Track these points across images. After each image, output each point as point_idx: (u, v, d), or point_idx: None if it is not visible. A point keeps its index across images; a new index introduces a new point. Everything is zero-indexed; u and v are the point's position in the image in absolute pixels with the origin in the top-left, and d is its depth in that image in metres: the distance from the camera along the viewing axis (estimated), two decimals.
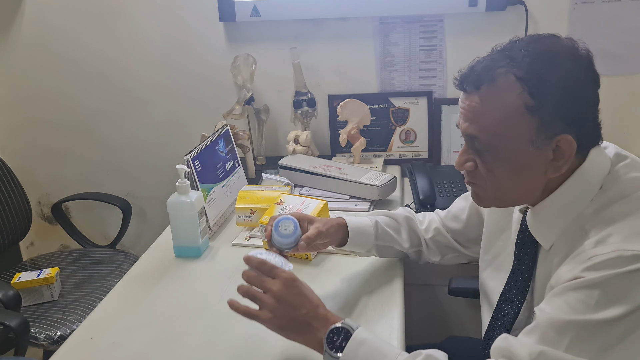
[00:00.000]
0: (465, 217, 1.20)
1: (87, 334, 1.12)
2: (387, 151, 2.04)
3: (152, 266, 1.38)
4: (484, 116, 0.85)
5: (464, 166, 0.91)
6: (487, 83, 0.83)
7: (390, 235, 1.22)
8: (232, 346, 1.06)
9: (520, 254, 0.97)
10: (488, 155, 0.87)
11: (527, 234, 0.94)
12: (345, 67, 2.03)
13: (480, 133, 0.85)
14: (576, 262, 0.79)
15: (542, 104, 0.81)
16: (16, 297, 1.58)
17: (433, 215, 1.28)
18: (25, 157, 2.32)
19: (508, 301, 1.00)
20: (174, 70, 2.13)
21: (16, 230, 2.01)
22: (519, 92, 0.81)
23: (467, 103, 0.87)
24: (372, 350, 0.87)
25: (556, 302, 0.78)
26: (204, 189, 1.49)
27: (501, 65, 0.83)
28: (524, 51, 0.83)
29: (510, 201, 0.94)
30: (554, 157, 0.84)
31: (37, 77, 2.21)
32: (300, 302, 0.92)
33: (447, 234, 1.23)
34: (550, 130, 0.82)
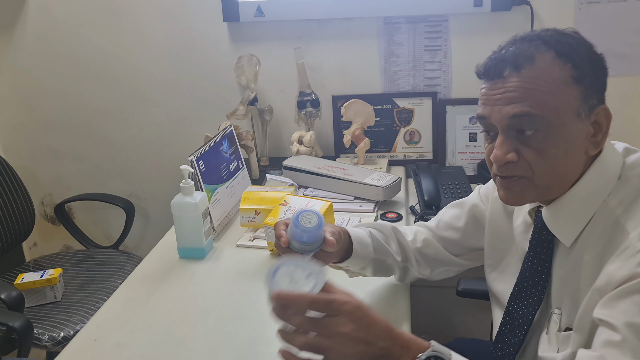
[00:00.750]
0: (462, 225, 1.14)
1: (91, 335, 1.11)
2: (391, 152, 2.03)
3: (156, 267, 1.37)
4: (533, 91, 0.82)
5: (507, 157, 0.84)
6: (528, 62, 0.83)
7: (384, 247, 1.12)
8: (237, 348, 1.05)
9: (535, 254, 0.94)
10: (538, 135, 0.83)
11: (544, 232, 0.92)
12: (349, 67, 2.03)
13: (533, 108, 0.82)
14: (625, 258, 0.77)
15: (585, 74, 0.83)
16: (19, 298, 1.58)
17: (417, 227, 1.20)
18: (28, 157, 2.32)
19: (521, 302, 0.97)
20: (178, 70, 2.12)
21: (19, 231, 2.00)
22: (561, 66, 0.82)
23: (508, 85, 0.84)
24: None
25: (623, 307, 0.75)
26: (208, 190, 1.48)
27: (535, 46, 0.84)
28: (545, 34, 0.85)
29: (557, 187, 0.87)
30: (594, 132, 0.85)
31: (40, 76, 2.20)
32: (375, 335, 0.73)
33: (438, 244, 1.16)
34: (591, 101, 0.84)
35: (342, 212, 1.59)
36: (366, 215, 1.57)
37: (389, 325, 0.74)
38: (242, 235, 1.50)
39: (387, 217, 1.57)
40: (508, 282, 1.02)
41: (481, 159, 1.94)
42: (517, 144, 0.85)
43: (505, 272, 1.05)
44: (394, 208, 1.63)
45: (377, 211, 1.61)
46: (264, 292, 1.22)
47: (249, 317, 1.15)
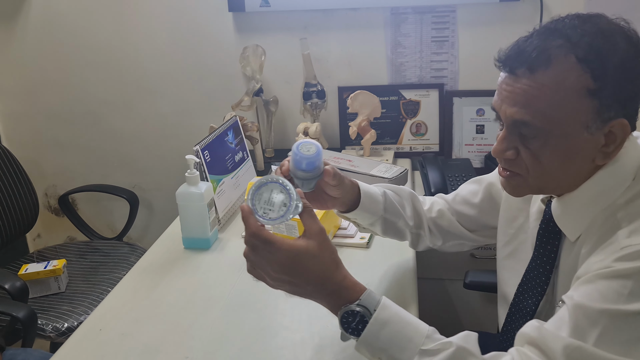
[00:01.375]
0: (477, 201, 1.14)
1: (97, 325, 1.10)
2: (397, 144, 2.02)
3: (160, 257, 1.36)
4: (538, 100, 0.79)
5: (505, 154, 0.84)
6: (544, 65, 0.78)
7: (396, 209, 1.12)
8: (242, 338, 1.04)
9: (542, 244, 0.94)
10: (536, 141, 0.81)
11: (551, 224, 0.91)
12: (355, 58, 2.01)
13: (533, 118, 0.79)
14: (608, 252, 0.77)
15: (604, 86, 0.77)
16: (23, 288, 1.57)
17: (435, 198, 1.21)
18: (32, 148, 2.31)
19: (526, 293, 0.97)
20: (182, 60, 2.11)
21: (23, 222, 1.99)
22: (578, 74, 0.76)
23: (518, 86, 0.80)
24: (395, 333, 0.79)
25: (586, 290, 0.75)
26: (214, 180, 1.47)
27: (557, 45, 0.78)
28: (580, 30, 0.77)
29: (551, 189, 0.88)
30: (605, 142, 0.80)
31: (44, 67, 2.19)
32: (302, 279, 0.81)
33: (453, 217, 1.16)
34: (606, 114, 0.78)
35: None
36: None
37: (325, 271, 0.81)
38: None
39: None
40: (514, 270, 1.02)
41: (488, 151, 1.92)
42: (518, 142, 0.83)
43: (512, 258, 1.04)
44: None
45: None
46: None
47: (255, 307, 1.14)
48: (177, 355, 0.99)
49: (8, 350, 1.35)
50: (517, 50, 0.81)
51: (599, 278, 0.75)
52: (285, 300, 1.15)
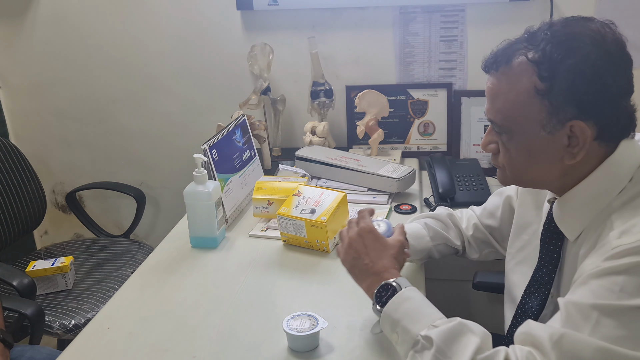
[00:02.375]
0: (499, 214, 1.19)
1: (104, 323, 1.10)
2: (405, 143, 2.01)
3: (168, 256, 1.36)
4: (497, 98, 0.86)
5: (487, 147, 0.93)
6: (504, 64, 0.84)
7: (441, 234, 1.21)
8: (250, 338, 1.04)
9: (545, 245, 0.95)
10: (505, 137, 0.88)
11: (553, 224, 0.92)
12: (363, 57, 2.00)
13: (496, 115, 0.86)
14: (600, 254, 0.78)
15: (552, 87, 0.80)
16: (31, 285, 1.57)
17: (470, 212, 1.26)
18: (39, 145, 2.31)
19: (532, 294, 0.98)
20: (190, 58, 2.11)
21: (30, 219, 2.00)
22: (530, 75, 0.81)
23: (488, 85, 0.89)
24: (413, 308, 0.87)
25: (579, 291, 0.77)
26: (221, 179, 1.47)
27: (519, 48, 0.84)
28: (544, 34, 0.83)
29: (529, 183, 0.94)
30: (569, 143, 0.83)
31: (52, 64, 2.20)
32: (365, 252, 0.99)
33: (485, 230, 1.22)
34: (561, 115, 0.81)
35: (356, 203, 1.57)
36: (380, 207, 1.55)
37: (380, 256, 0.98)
38: (254, 225, 1.49)
39: (401, 209, 1.55)
40: (523, 273, 1.02)
41: None
42: (498, 137, 0.90)
43: (524, 263, 1.04)
44: (408, 200, 1.61)
45: (390, 203, 1.59)
46: (277, 283, 1.22)
47: (263, 307, 1.13)
48: (185, 355, 0.99)
49: (16, 347, 1.36)
50: (494, 52, 0.88)
51: (591, 278, 0.76)
52: (292, 299, 1.15)
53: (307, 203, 1.36)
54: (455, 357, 0.78)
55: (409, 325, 0.85)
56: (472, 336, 0.80)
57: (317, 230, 1.31)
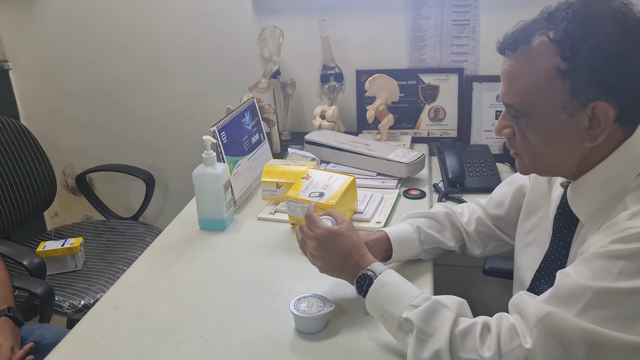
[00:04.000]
0: (508, 203, 1.16)
1: (113, 302, 1.11)
2: (415, 129, 1.99)
3: (176, 238, 1.37)
4: (516, 80, 0.83)
5: (502, 132, 0.90)
6: (522, 45, 0.82)
7: (434, 238, 1.18)
8: (257, 319, 1.04)
9: (558, 229, 0.94)
10: (522, 121, 0.85)
11: (567, 209, 0.91)
12: (374, 41, 1.98)
13: (514, 98, 0.84)
14: (608, 233, 0.77)
15: (575, 67, 0.78)
16: (41, 265, 1.59)
17: (473, 206, 1.24)
18: (50, 127, 2.32)
19: (543, 279, 0.97)
20: (200, 41, 2.10)
21: (41, 200, 2.01)
22: (551, 55, 0.79)
23: (505, 67, 0.86)
24: (392, 291, 0.90)
25: (580, 268, 0.77)
26: (230, 162, 1.46)
27: (538, 28, 0.81)
28: (564, 13, 0.80)
29: (547, 169, 0.91)
30: (590, 125, 0.81)
31: (63, 47, 2.20)
32: (332, 255, 1.00)
33: (489, 222, 1.19)
34: (583, 96, 0.79)
35: (365, 188, 1.57)
36: (389, 192, 1.54)
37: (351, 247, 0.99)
38: (263, 208, 1.49)
39: (410, 194, 1.54)
40: (532, 256, 1.02)
41: None
42: (514, 121, 0.87)
43: (533, 246, 1.04)
44: (417, 185, 1.60)
45: (400, 188, 1.59)
46: (285, 265, 1.22)
47: (270, 289, 1.14)
48: (193, 334, 1.00)
49: (26, 325, 1.37)
50: (511, 33, 0.86)
51: (595, 257, 0.76)
52: (300, 282, 1.15)
53: (316, 186, 1.36)
54: (435, 335, 0.82)
55: (391, 309, 0.89)
56: (447, 311, 0.84)
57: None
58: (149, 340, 0.99)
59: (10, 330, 1.26)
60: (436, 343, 0.81)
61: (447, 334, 0.81)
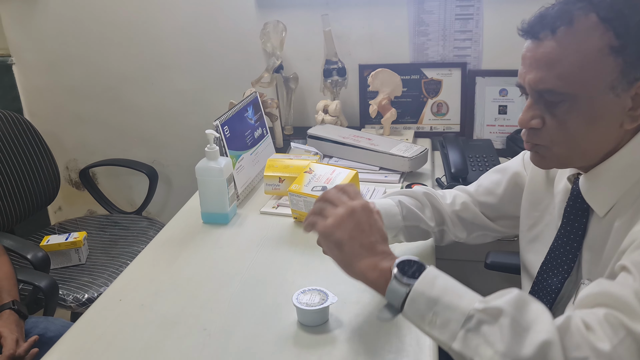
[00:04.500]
0: (501, 191, 1.13)
1: (116, 295, 1.11)
2: (417, 123, 1.99)
3: (180, 232, 1.37)
4: (560, 63, 0.79)
5: (530, 123, 0.84)
6: (565, 26, 0.78)
7: (415, 214, 1.12)
8: (260, 312, 1.04)
9: (569, 222, 0.92)
10: (562, 107, 0.81)
11: (579, 201, 0.89)
12: (377, 35, 1.98)
13: (557, 82, 0.79)
14: None
15: (627, 44, 0.76)
16: (45, 259, 1.60)
17: (456, 191, 1.20)
18: (53, 122, 2.33)
19: (550, 271, 0.95)
20: (202, 36, 2.10)
21: (44, 194, 2.02)
22: (601, 33, 0.77)
23: (541, 50, 0.80)
24: (450, 283, 0.75)
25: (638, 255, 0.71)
26: (233, 156, 1.47)
27: (579, 7, 0.78)
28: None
29: (578, 159, 0.86)
30: (632, 105, 0.79)
31: (65, 42, 2.20)
32: (370, 230, 0.84)
33: (476, 209, 1.15)
34: (632, 75, 0.77)
35: (368, 182, 1.57)
36: (391, 186, 1.55)
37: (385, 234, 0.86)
38: (265, 202, 1.49)
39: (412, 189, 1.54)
40: (539, 252, 1.00)
41: (510, 132, 1.89)
42: (544, 110, 0.83)
43: (538, 241, 1.02)
44: (420, 179, 1.60)
45: (402, 182, 1.59)
46: (288, 259, 1.23)
47: (273, 282, 1.14)
48: (196, 327, 1.00)
49: (30, 318, 1.38)
50: (540, 16, 0.82)
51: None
52: (303, 275, 1.15)
53: (319, 180, 1.36)
54: (535, 326, 0.67)
55: (455, 300, 0.72)
56: (537, 304, 0.71)
57: None
58: (153, 333, 0.99)
59: (14, 323, 1.26)
60: (541, 334, 0.66)
61: (551, 324, 0.68)
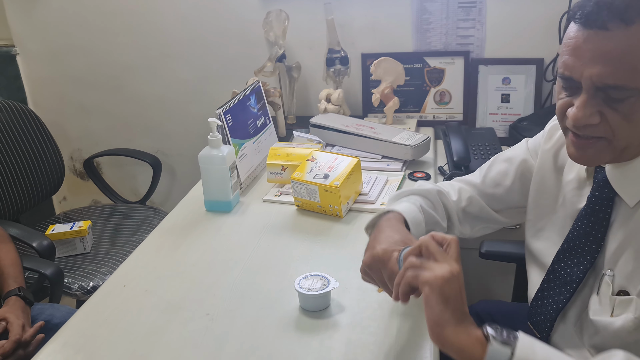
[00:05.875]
0: (509, 182, 1.11)
1: (121, 281, 1.13)
2: (420, 112, 1.99)
3: (183, 219, 1.38)
4: (633, 56, 0.73)
5: (589, 120, 0.78)
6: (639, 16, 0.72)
7: (433, 218, 1.10)
8: (262, 297, 1.06)
9: (593, 212, 0.89)
10: (628, 102, 0.76)
11: (606, 190, 0.87)
12: (380, 24, 1.97)
13: (629, 77, 0.74)
14: None
15: None
16: (51, 247, 1.61)
17: (460, 185, 1.17)
18: (57, 112, 2.34)
19: (569, 260, 0.93)
20: (205, 25, 2.10)
21: (49, 184, 2.03)
22: None
23: (608, 43, 0.74)
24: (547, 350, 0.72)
25: None
26: (235, 144, 1.47)
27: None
28: None
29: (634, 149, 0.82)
30: None
31: (69, 32, 2.20)
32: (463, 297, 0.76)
33: (482, 202, 1.13)
34: None
35: (370, 170, 1.57)
36: (394, 174, 1.55)
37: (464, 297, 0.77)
38: (268, 190, 1.50)
39: (415, 177, 1.54)
40: (550, 240, 0.99)
41: (513, 120, 1.89)
42: (602, 105, 0.78)
43: (547, 229, 1.01)
44: (422, 168, 1.60)
45: (405, 170, 1.59)
46: (290, 245, 1.23)
47: (275, 268, 1.15)
48: (199, 312, 1.02)
49: (36, 305, 1.39)
50: (603, 3, 0.75)
51: None
52: (305, 262, 1.16)
53: (321, 168, 1.37)
54: None
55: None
56: None
57: (330, 195, 1.32)
58: (156, 318, 1.01)
59: (21, 309, 1.28)
60: None
61: None
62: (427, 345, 0.92)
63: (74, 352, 0.93)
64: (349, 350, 0.91)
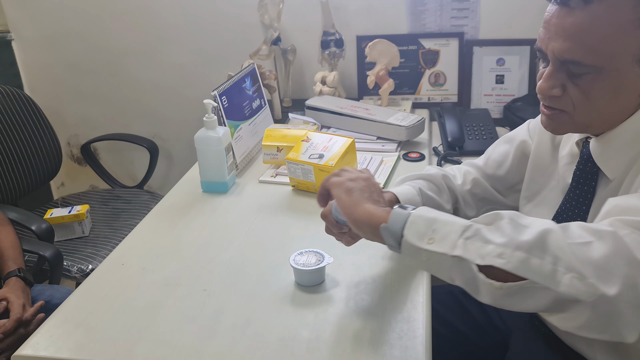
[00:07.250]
0: (509, 162, 1.13)
1: (119, 260, 1.14)
2: (415, 94, 2.00)
3: (180, 200, 1.40)
4: (590, 34, 0.77)
5: (551, 92, 0.84)
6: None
7: (434, 201, 1.12)
8: (258, 273, 1.07)
9: (578, 185, 0.92)
10: (586, 78, 0.80)
11: (589, 164, 0.89)
12: (374, 6, 1.98)
13: (585, 54, 0.78)
14: None
15: None
16: (49, 230, 1.63)
17: (465, 167, 1.20)
18: (54, 98, 2.34)
19: None
20: (200, 9, 2.10)
21: (47, 170, 2.04)
22: (634, 4, 0.75)
23: (570, 20, 0.78)
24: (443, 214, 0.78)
25: None
26: (231, 126, 1.48)
27: None
28: None
29: (597, 126, 0.87)
30: None
31: (64, 17, 2.20)
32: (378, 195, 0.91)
33: (487, 184, 1.16)
34: None
35: (365, 151, 1.59)
36: (388, 155, 1.56)
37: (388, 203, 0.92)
38: (264, 171, 1.51)
39: (409, 157, 1.56)
40: (541, 215, 1.00)
41: (507, 101, 1.90)
42: (565, 79, 0.82)
43: (542, 205, 1.03)
44: (416, 148, 1.62)
45: (399, 151, 1.60)
46: (286, 223, 1.25)
47: (271, 245, 1.17)
48: (196, 288, 1.03)
49: (36, 286, 1.41)
50: None
51: None
52: (300, 239, 1.18)
53: (316, 148, 1.38)
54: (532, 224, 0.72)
55: (452, 219, 0.76)
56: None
57: (325, 175, 1.32)
58: (154, 294, 1.02)
59: (21, 289, 1.30)
60: (541, 226, 0.70)
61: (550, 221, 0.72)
62: (420, 318, 0.94)
63: (74, 327, 0.95)
64: (343, 323, 0.93)
